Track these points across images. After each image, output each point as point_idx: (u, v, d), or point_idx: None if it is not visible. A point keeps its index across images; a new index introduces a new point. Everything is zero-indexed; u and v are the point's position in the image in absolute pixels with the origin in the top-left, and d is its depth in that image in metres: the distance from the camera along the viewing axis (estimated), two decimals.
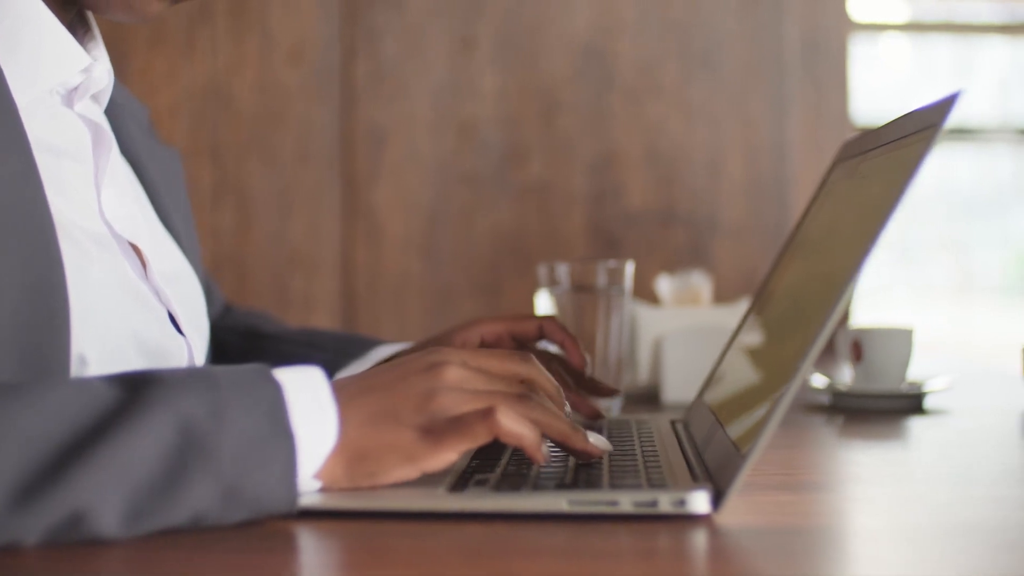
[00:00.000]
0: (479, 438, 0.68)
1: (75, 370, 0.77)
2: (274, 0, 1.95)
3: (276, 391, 0.65)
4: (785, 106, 2.04)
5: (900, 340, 1.24)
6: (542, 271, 1.15)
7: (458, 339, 0.98)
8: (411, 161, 1.98)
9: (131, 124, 0.98)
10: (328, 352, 1.07)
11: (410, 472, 0.68)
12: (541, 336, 0.98)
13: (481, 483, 0.71)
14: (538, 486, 0.70)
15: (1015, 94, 2.94)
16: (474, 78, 1.99)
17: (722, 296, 1.97)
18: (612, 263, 1.14)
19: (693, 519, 0.67)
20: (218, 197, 1.95)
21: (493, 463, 0.78)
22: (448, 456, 0.68)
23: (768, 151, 2.03)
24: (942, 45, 2.94)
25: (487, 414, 0.68)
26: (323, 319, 1.95)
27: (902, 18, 2.73)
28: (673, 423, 0.98)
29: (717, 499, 0.67)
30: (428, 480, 0.71)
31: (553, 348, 1.01)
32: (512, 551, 0.62)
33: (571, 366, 0.98)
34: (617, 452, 0.81)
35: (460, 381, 0.70)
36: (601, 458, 0.77)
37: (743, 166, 2.03)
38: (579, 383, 0.98)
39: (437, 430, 0.68)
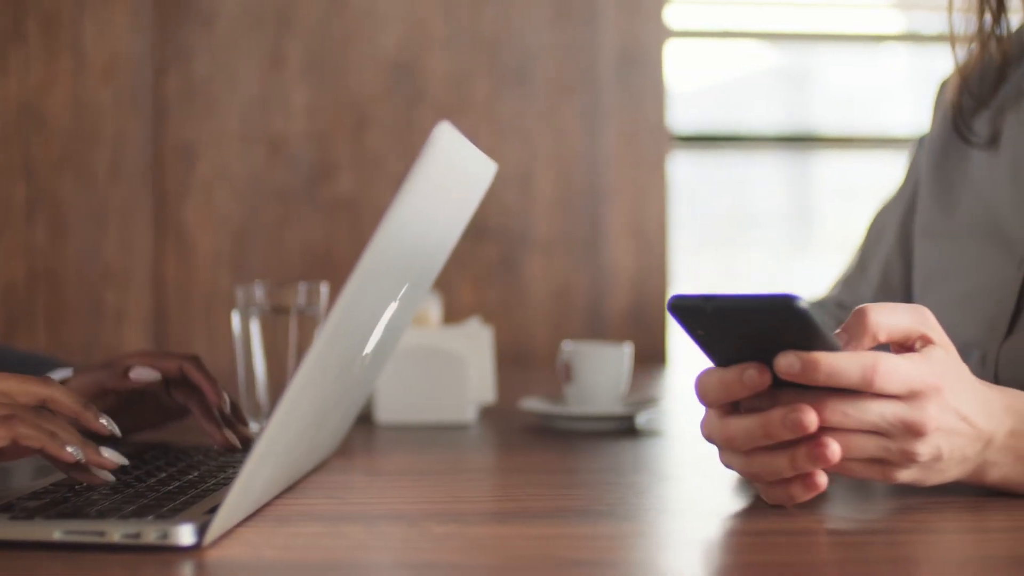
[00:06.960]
0: None
1: None
2: (86, 18, 1.96)
3: None
4: (599, 118, 2.05)
5: (611, 359, 1.23)
6: (239, 292, 1.15)
7: (110, 370, 0.98)
8: (221, 177, 1.99)
9: None
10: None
11: None
12: (181, 374, 0.98)
13: (6, 509, 0.72)
14: (62, 515, 0.70)
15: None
16: (284, 94, 2.00)
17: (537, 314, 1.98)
18: (307, 284, 1.15)
19: (183, 552, 0.67)
20: (31, 213, 1.96)
21: (53, 492, 0.78)
22: None
23: (580, 164, 2.05)
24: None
25: (8, 418, 0.72)
26: (135, 334, 1.96)
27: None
28: None
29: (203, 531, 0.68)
30: None
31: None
32: None
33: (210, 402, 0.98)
34: (178, 480, 0.82)
35: None
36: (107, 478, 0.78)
37: (555, 180, 2.04)
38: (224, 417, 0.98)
39: None
